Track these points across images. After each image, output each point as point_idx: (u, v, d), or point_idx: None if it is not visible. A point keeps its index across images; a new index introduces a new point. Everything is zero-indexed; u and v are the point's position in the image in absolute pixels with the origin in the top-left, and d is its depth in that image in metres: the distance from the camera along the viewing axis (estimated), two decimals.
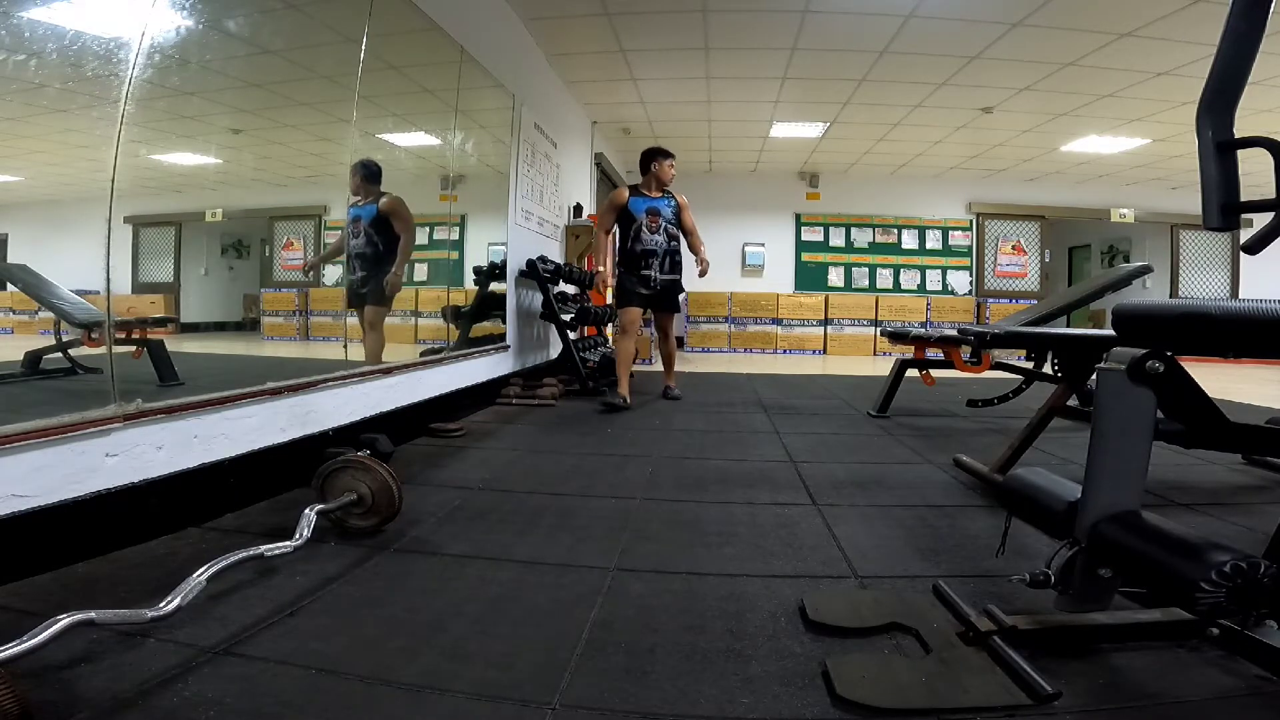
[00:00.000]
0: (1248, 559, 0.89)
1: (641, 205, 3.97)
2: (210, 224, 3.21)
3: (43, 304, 2.29)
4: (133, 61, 1.58)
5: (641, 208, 3.97)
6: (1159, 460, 1.35)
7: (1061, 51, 4.77)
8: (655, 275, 3.98)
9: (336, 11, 2.59)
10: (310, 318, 3.64)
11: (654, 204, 3.99)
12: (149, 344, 2.40)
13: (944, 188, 9.18)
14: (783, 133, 7.20)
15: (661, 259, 3.99)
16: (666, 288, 4.05)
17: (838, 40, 4.74)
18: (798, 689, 1.00)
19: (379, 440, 1.99)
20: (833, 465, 2.52)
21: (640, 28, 4.62)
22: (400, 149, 3.47)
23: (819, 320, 8.91)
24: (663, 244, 3.99)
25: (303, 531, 1.42)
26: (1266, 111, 5.40)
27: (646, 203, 3.98)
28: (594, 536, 1.68)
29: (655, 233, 3.96)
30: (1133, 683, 1.02)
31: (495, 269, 4.16)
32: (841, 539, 1.68)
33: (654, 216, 3.97)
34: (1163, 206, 8.99)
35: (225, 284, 3.77)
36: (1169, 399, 1.08)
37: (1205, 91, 1.03)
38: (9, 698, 0.77)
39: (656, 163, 4.00)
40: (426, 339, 3.90)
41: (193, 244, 3.38)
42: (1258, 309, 0.94)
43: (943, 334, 3.50)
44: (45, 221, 2.20)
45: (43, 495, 1.33)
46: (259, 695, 0.95)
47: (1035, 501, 1.22)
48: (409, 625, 1.18)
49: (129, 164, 1.56)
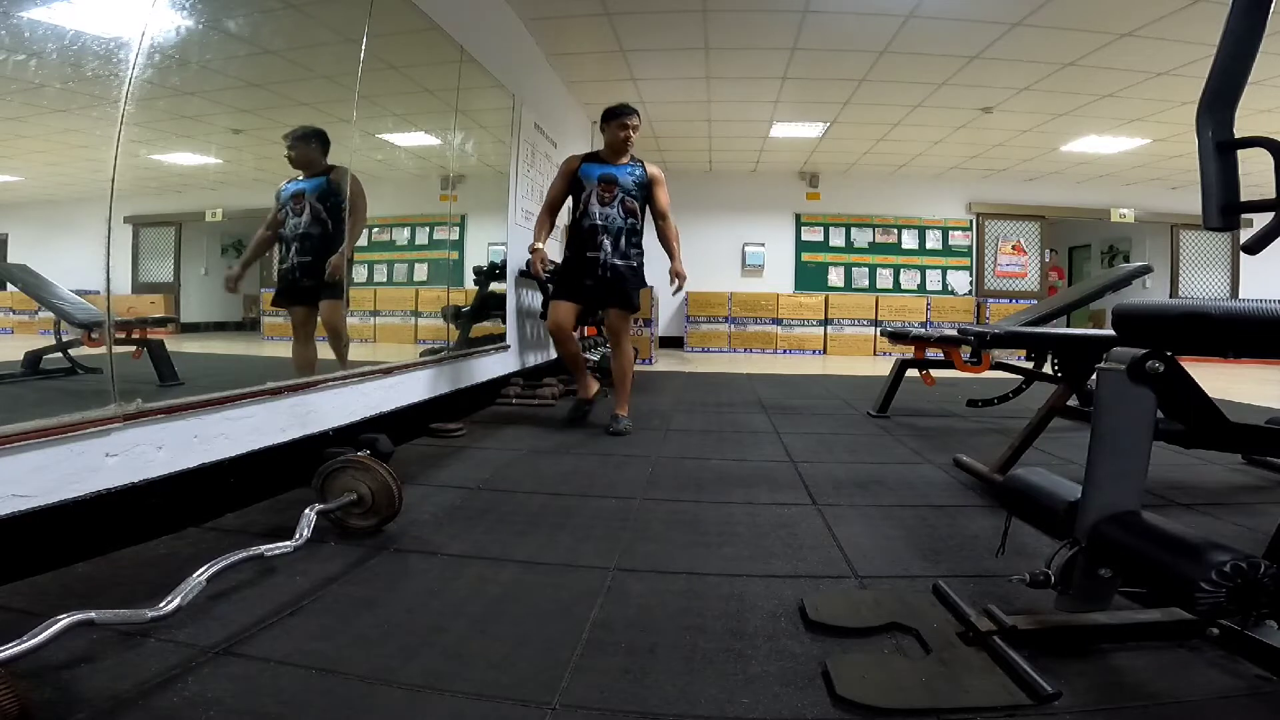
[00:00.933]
0: (1248, 559, 0.89)
1: (595, 171, 3.19)
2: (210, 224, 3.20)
3: (43, 304, 2.29)
4: (133, 61, 1.58)
5: (595, 174, 3.18)
6: (1159, 460, 1.35)
7: (1061, 51, 4.77)
8: (605, 257, 3.14)
9: (336, 11, 2.59)
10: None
11: (611, 171, 3.19)
12: (149, 344, 2.41)
13: (944, 188, 9.19)
14: (783, 133, 7.20)
15: (615, 238, 3.16)
16: (619, 275, 3.16)
17: (838, 40, 4.74)
18: (798, 689, 1.00)
19: (379, 440, 1.98)
20: (833, 465, 2.51)
21: (640, 28, 4.62)
22: (400, 149, 3.47)
23: (819, 320, 8.91)
24: (617, 220, 3.16)
25: (303, 531, 1.42)
26: (1266, 111, 5.40)
27: (602, 169, 3.19)
28: (594, 536, 1.68)
29: (608, 205, 3.15)
30: (1133, 683, 1.02)
31: (495, 269, 4.16)
32: (841, 539, 1.68)
33: (608, 186, 3.16)
34: (1163, 206, 8.99)
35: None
36: (1169, 399, 1.08)
37: (1205, 91, 1.03)
38: (9, 697, 0.77)
39: (607, 125, 3.22)
40: (426, 339, 3.91)
41: (193, 244, 3.38)
42: (1258, 309, 0.94)
43: (943, 334, 3.51)
44: (45, 221, 2.20)
45: (43, 495, 1.33)
46: (259, 695, 0.95)
47: (1035, 501, 1.22)
48: (409, 625, 1.18)
49: (129, 164, 1.56)
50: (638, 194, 3.20)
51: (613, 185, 3.17)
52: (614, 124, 3.18)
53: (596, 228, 3.14)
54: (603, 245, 3.14)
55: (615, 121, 3.18)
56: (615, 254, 3.16)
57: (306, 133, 2.59)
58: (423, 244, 3.94)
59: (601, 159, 3.24)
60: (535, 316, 4.66)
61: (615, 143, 3.19)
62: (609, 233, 3.15)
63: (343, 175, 2.62)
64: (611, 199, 3.16)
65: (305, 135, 2.58)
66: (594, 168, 3.20)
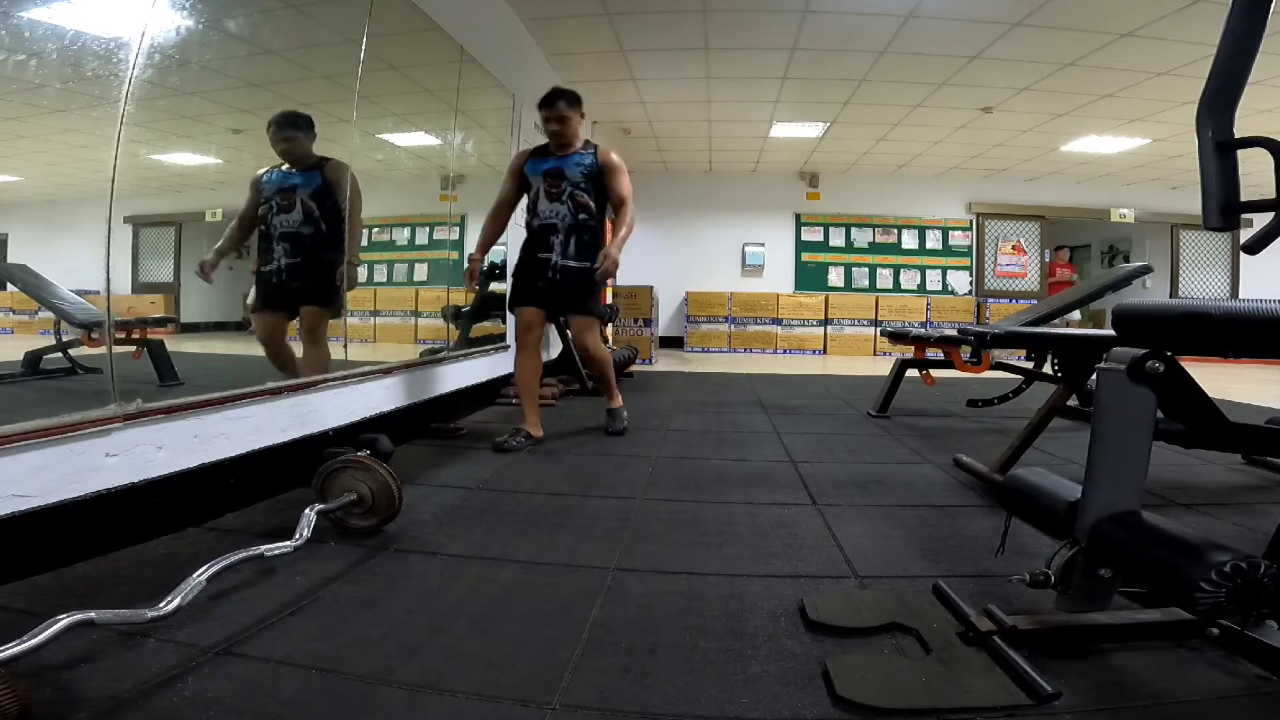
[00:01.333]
0: (1248, 559, 0.89)
1: (540, 166, 2.88)
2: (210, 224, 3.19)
3: (43, 304, 2.29)
4: (133, 61, 1.59)
5: (539, 169, 2.88)
6: (1159, 460, 1.35)
7: (1061, 51, 4.77)
8: (556, 259, 2.83)
9: (336, 11, 2.59)
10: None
11: (556, 164, 2.86)
12: (149, 344, 2.40)
13: (944, 188, 9.19)
14: (783, 133, 7.20)
15: (566, 236, 2.84)
16: (570, 278, 2.84)
17: (838, 40, 4.74)
18: (798, 689, 1.00)
19: (379, 440, 1.98)
20: (833, 465, 2.51)
21: (640, 28, 4.62)
22: (400, 149, 3.47)
23: (819, 320, 8.91)
24: (568, 216, 2.84)
25: (303, 531, 1.42)
26: (1266, 111, 5.40)
27: (546, 163, 2.88)
28: (594, 536, 1.68)
29: (556, 201, 2.84)
30: (1133, 683, 1.02)
31: (495, 269, 4.16)
32: (841, 539, 1.68)
33: (554, 180, 2.84)
34: (1163, 206, 8.99)
35: (225, 284, 3.77)
36: (1169, 399, 1.08)
37: (1205, 91, 1.03)
38: (9, 697, 0.77)
39: (538, 113, 2.94)
40: (426, 339, 3.91)
41: (193, 244, 3.37)
42: (1258, 309, 0.94)
43: (943, 334, 3.51)
44: (45, 221, 2.20)
45: (43, 495, 1.33)
46: (259, 695, 0.95)
47: (1035, 501, 1.22)
48: (409, 625, 1.18)
49: (129, 164, 1.57)
50: (587, 186, 2.85)
51: (559, 179, 2.85)
52: (540, 114, 2.91)
53: (546, 226, 2.87)
54: (553, 245, 2.85)
55: (541, 112, 2.90)
56: (566, 254, 2.84)
57: (294, 118, 2.38)
58: (423, 244, 3.94)
59: (548, 152, 2.92)
60: None
61: (550, 135, 2.89)
62: (559, 231, 2.85)
63: (339, 171, 2.44)
64: (559, 194, 2.85)
65: (293, 121, 2.37)
66: (539, 163, 2.90)
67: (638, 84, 5.74)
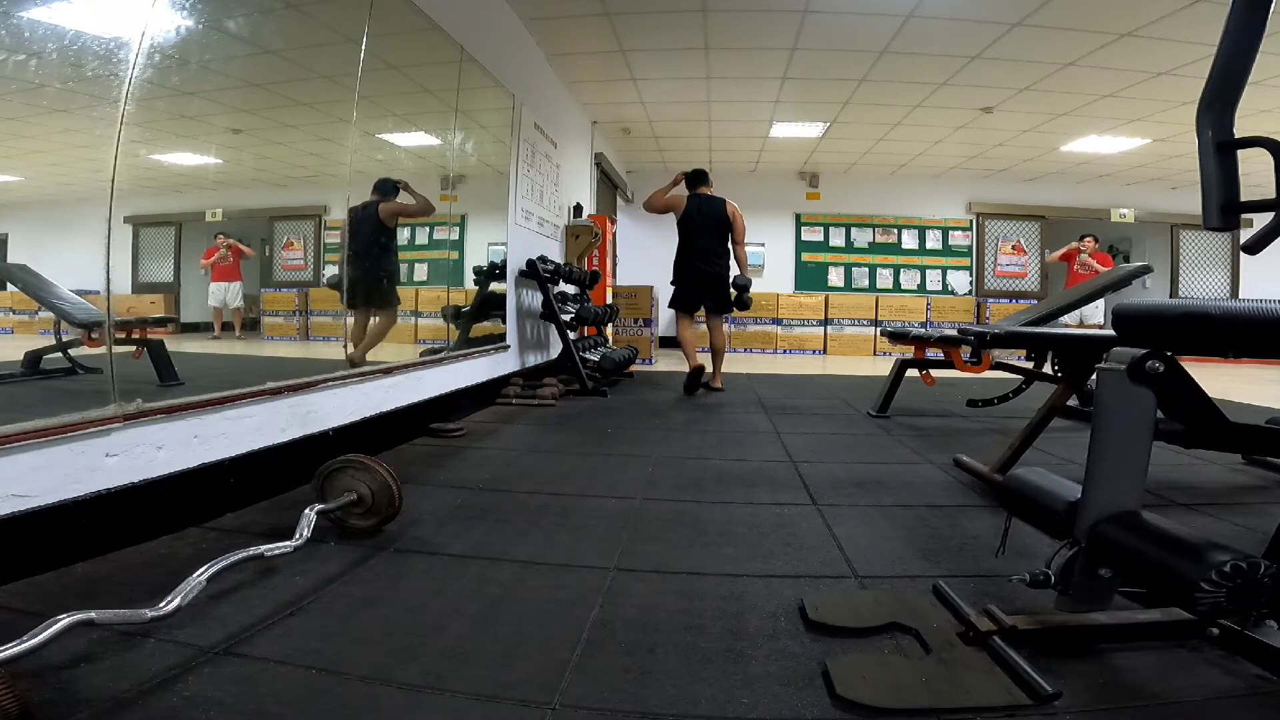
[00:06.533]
0: (1248, 559, 0.89)
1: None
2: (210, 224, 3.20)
3: (43, 304, 2.28)
4: (133, 61, 1.58)
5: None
6: (1159, 460, 1.35)
7: (1061, 51, 4.76)
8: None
9: (336, 11, 2.58)
10: (310, 318, 3.64)
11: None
12: (149, 344, 2.40)
13: (944, 188, 9.18)
14: (783, 133, 7.20)
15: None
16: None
17: (838, 40, 4.74)
18: (798, 689, 1.00)
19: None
20: (833, 465, 2.51)
21: (640, 27, 4.62)
22: (400, 149, 3.46)
23: (819, 320, 8.91)
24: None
25: (303, 531, 1.42)
26: (1266, 111, 5.40)
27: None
28: (594, 536, 1.68)
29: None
30: (1133, 683, 1.02)
31: (495, 269, 4.16)
32: (841, 539, 1.68)
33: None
34: (1163, 206, 8.99)
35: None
36: (1169, 399, 1.08)
37: (1205, 91, 1.03)
38: (9, 697, 0.77)
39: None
40: (426, 339, 3.90)
41: (193, 244, 3.38)
42: (1258, 309, 0.94)
43: (943, 334, 3.50)
44: (45, 221, 2.20)
45: (43, 495, 1.33)
46: (259, 695, 0.95)
47: (1035, 501, 1.22)
48: (409, 625, 1.18)
49: (129, 164, 1.56)
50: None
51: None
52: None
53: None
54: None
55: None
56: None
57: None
58: (423, 244, 3.94)
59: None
60: (535, 316, 4.66)
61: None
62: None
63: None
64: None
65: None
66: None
67: (638, 84, 5.73)
